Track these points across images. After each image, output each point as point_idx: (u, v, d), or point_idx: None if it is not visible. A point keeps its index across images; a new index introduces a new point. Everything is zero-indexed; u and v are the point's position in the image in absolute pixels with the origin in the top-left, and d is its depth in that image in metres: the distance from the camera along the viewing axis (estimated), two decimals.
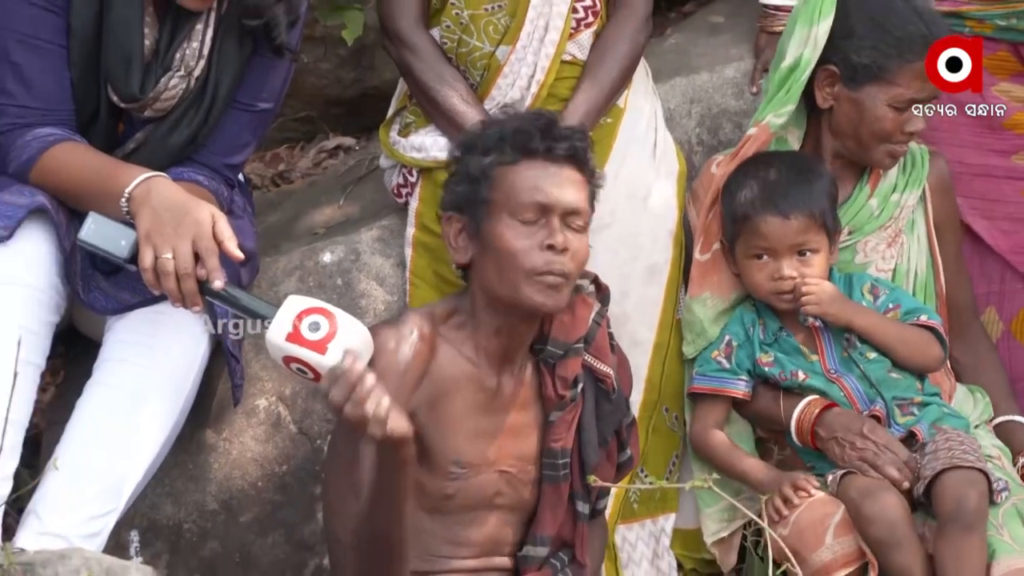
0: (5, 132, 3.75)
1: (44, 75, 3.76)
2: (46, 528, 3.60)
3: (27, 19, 3.73)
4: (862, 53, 4.04)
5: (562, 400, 3.65)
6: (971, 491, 3.79)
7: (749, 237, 3.97)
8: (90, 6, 3.74)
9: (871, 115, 4.05)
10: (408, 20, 4.14)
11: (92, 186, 3.68)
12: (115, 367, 3.75)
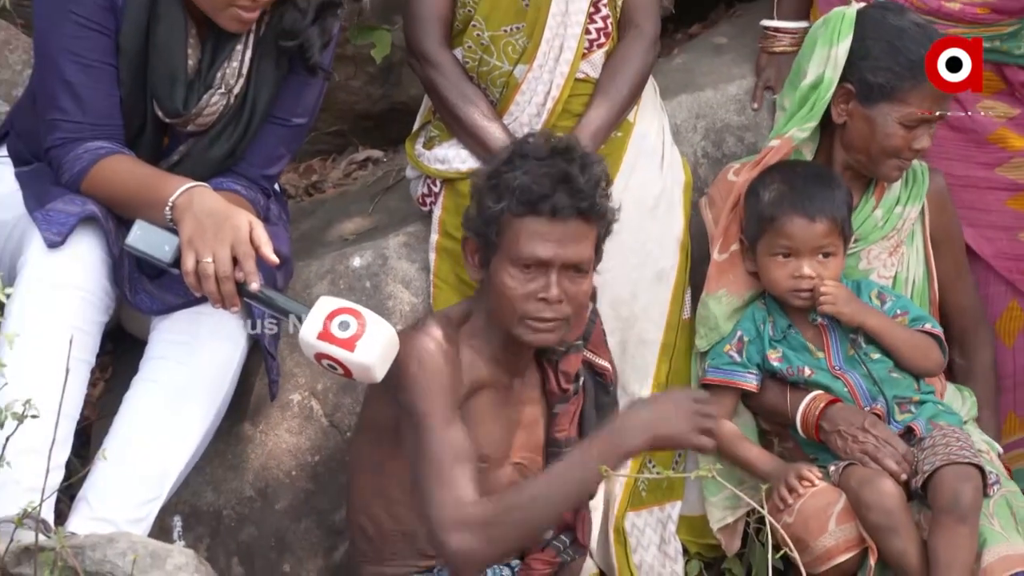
0: (59, 145, 3.75)
1: (95, 92, 3.76)
2: (95, 514, 3.62)
3: (80, 41, 3.74)
4: (877, 73, 4.05)
5: (565, 394, 3.67)
6: (967, 486, 3.82)
7: (774, 236, 4.00)
8: (138, 28, 3.76)
9: (882, 131, 4.06)
10: (433, 41, 4.15)
11: (138, 195, 3.69)
12: (159, 364, 3.77)
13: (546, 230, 3.49)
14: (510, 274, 3.51)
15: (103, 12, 3.73)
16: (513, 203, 3.49)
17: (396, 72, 4.69)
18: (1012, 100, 4.41)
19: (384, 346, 3.46)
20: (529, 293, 3.49)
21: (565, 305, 3.50)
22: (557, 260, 3.49)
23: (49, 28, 3.78)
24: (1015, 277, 4.39)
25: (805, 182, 4.04)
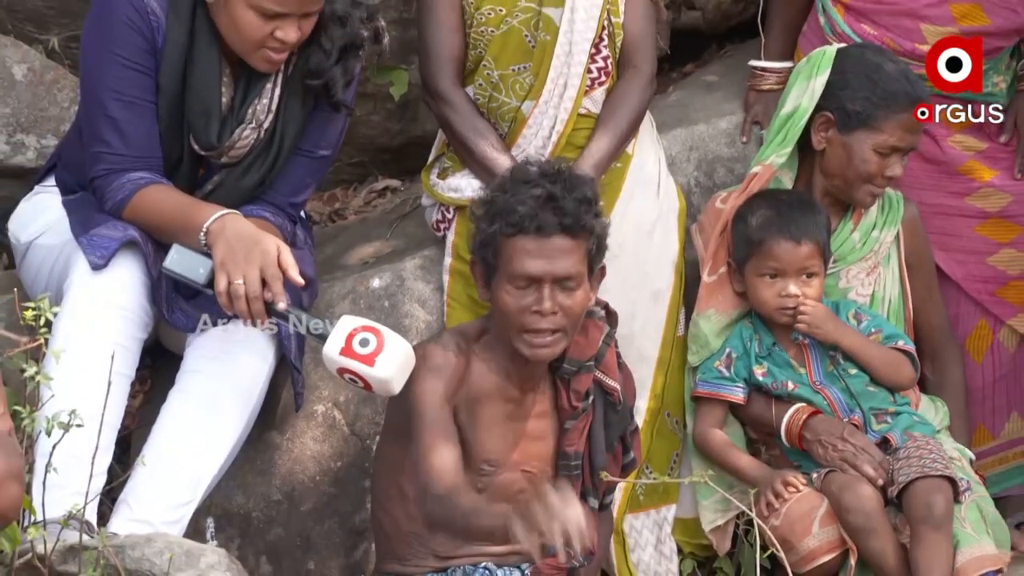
0: (102, 176, 3.76)
1: (136, 127, 3.77)
2: (134, 515, 3.62)
3: (123, 79, 3.75)
4: (855, 103, 4.06)
5: (576, 410, 3.65)
6: (939, 497, 3.83)
7: (762, 259, 4.00)
8: (176, 68, 3.77)
9: (859, 158, 4.07)
10: (446, 80, 4.15)
11: (176, 222, 3.70)
12: (194, 377, 3.78)
13: (534, 248, 3.49)
14: (507, 291, 3.51)
15: (144, 54, 3.74)
16: (504, 225, 3.50)
17: (412, 108, 4.69)
18: (980, 135, 4.41)
19: (401, 361, 3.48)
20: (524, 307, 3.50)
21: (560, 317, 3.51)
22: (547, 275, 3.49)
23: (95, 68, 3.79)
24: (984, 298, 4.38)
25: (789, 208, 4.05)
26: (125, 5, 3.73)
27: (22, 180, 4.26)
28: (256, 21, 3.68)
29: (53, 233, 3.86)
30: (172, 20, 3.75)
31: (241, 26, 3.70)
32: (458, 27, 4.15)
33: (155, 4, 3.74)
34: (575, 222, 3.50)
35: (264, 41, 3.70)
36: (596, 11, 4.14)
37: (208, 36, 3.78)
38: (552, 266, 3.50)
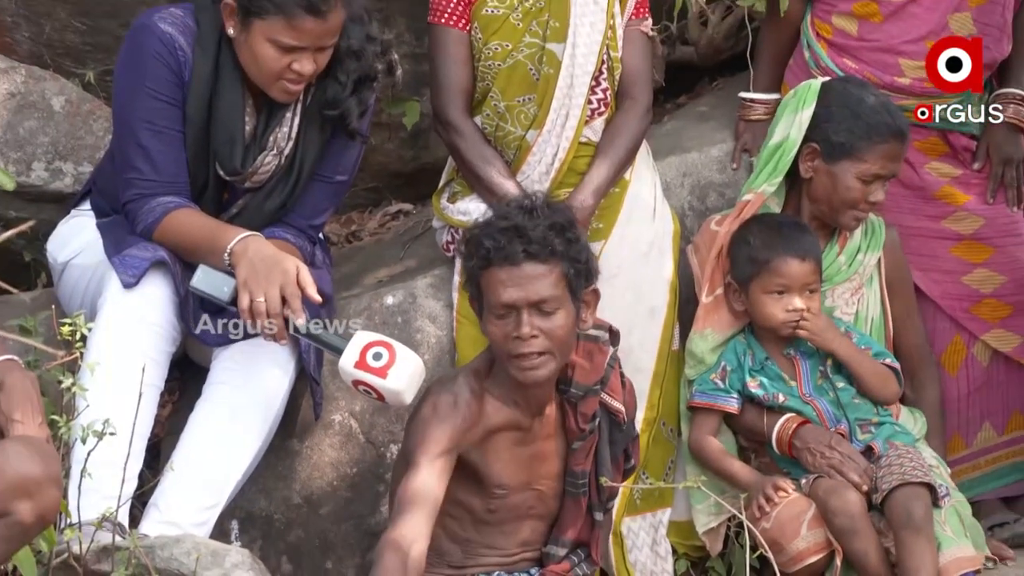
0: (134, 200, 3.77)
1: (166, 155, 3.77)
2: (164, 518, 3.62)
3: (153, 111, 3.76)
4: (840, 134, 4.06)
5: (583, 432, 3.63)
6: (917, 503, 3.83)
7: (769, 276, 4.00)
8: (203, 99, 3.78)
9: (843, 185, 4.06)
10: (456, 110, 4.14)
11: (202, 243, 3.70)
12: (220, 388, 3.78)
13: (506, 277, 3.44)
14: (492, 322, 3.48)
15: (173, 87, 3.75)
16: (478, 260, 3.47)
17: (424, 137, 4.69)
18: (955, 162, 4.40)
19: (411, 374, 3.50)
20: (507, 335, 3.45)
21: (542, 340, 3.45)
22: (521, 301, 3.43)
23: (127, 100, 3.80)
24: (959, 315, 4.37)
25: (789, 229, 4.06)
26: (155, 42, 3.75)
27: (60, 204, 4.26)
28: (274, 54, 3.68)
29: (88, 254, 3.87)
30: (198, 55, 3.76)
31: (261, 59, 3.71)
32: (467, 61, 4.15)
33: (182, 40, 3.76)
34: (541, 248, 3.44)
35: (282, 73, 3.71)
36: (596, 46, 4.13)
37: (232, 69, 3.79)
38: (525, 292, 3.44)
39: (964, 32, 4.26)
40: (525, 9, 4.11)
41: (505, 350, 3.46)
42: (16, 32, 4.52)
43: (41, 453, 3.04)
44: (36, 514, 3.01)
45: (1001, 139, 4.37)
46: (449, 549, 3.62)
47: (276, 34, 3.66)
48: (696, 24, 4.65)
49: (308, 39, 3.67)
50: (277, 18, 3.65)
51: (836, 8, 4.34)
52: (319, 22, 3.65)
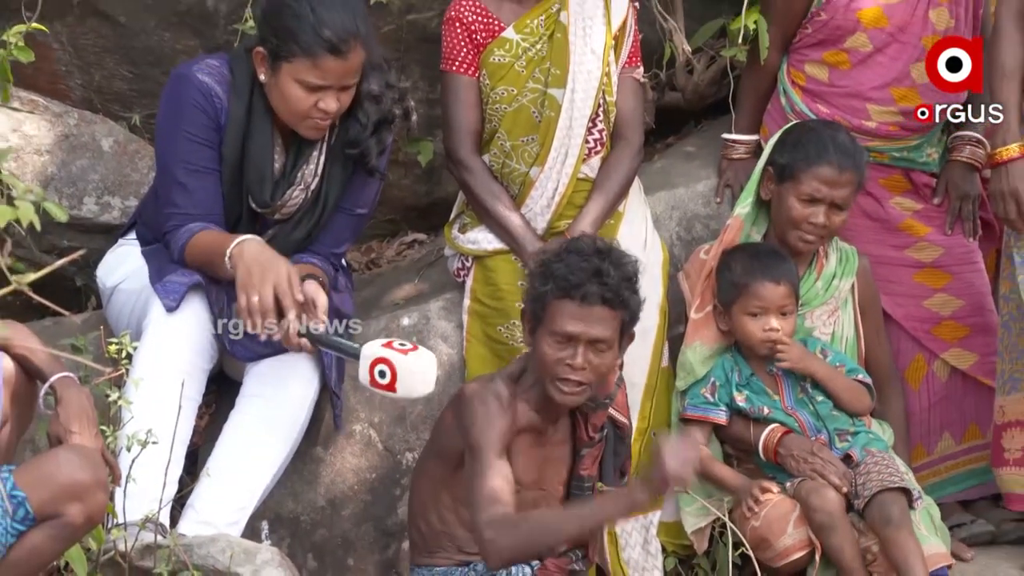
0: (171, 231, 3.78)
1: (203, 191, 3.78)
2: (200, 518, 3.62)
3: (190, 152, 3.77)
4: (784, 156, 4.07)
5: (592, 440, 3.65)
6: (894, 507, 3.84)
7: (748, 299, 3.99)
8: (237, 139, 3.79)
9: (785, 205, 4.06)
10: (466, 149, 4.14)
11: (211, 255, 3.69)
12: (251, 402, 3.78)
13: (576, 312, 3.47)
14: (548, 343, 3.50)
15: (209, 130, 3.77)
16: (554, 288, 3.49)
17: (437, 173, 4.69)
18: (916, 197, 4.40)
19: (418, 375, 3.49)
20: (560, 359, 3.48)
21: (588, 373, 3.49)
22: (583, 336, 3.47)
23: (167, 143, 3.82)
24: (921, 335, 4.36)
25: (767, 256, 4.06)
26: (193, 90, 3.77)
27: (108, 235, 4.26)
28: (302, 94, 3.69)
29: (134, 279, 3.87)
30: (233, 100, 3.78)
31: (290, 99, 3.72)
32: (476, 105, 4.15)
33: (218, 88, 3.78)
34: (615, 296, 3.49)
35: (310, 112, 3.72)
36: (593, 91, 4.13)
37: (263, 113, 3.81)
38: (589, 329, 3.48)
39: (924, 80, 4.25)
40: (528, 58, 4.11)
41: (552, 371, 3.49)
42: (69, 80, 4.53)
43: (89, 460, 3.08)
44: (85, 515, 3.03)
45: (958, 177, 4.37)
46: (461, 536, 3.61)
47: (302, 75, 3.67)
48: (683, 72, 4.65)
49: (331, 78, 3.68)
50: (303, 60, 3.67)
51: (809, 57, 4.34)
52: (340, 62, 3.67)
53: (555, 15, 4.11)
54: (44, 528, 3.00)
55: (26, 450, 3.54)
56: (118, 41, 4.45)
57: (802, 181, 4.02)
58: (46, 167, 4.39)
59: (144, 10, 4.41)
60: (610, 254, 3.55)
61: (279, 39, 3.70)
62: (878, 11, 4.26)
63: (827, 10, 4.26)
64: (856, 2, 4.25)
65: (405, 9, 4.49)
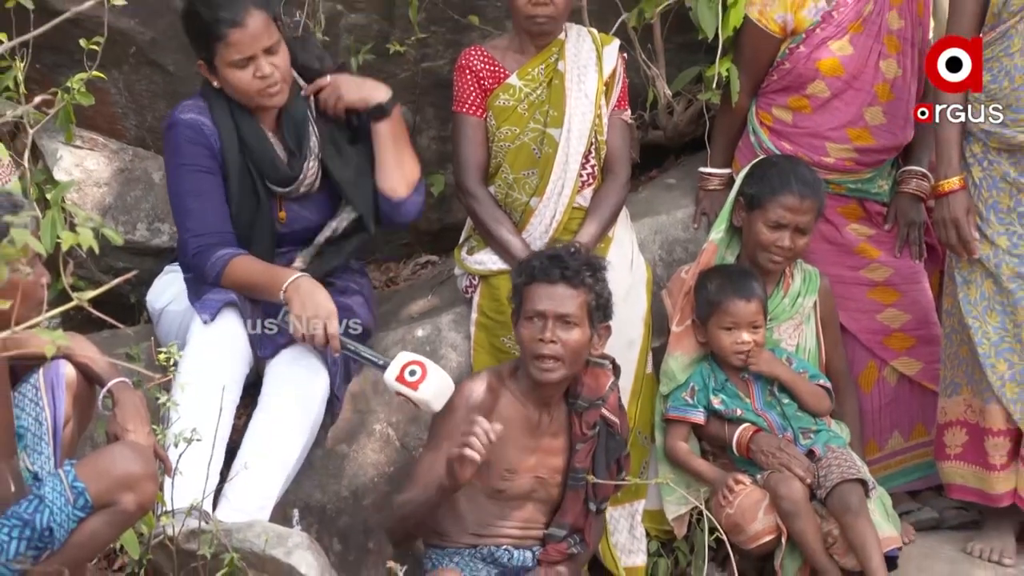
0: (195, 255, 3.80)
1: (211, 213, 3.81)
2: (232, 507, 3.63)
3: (194, 180, 3.81)
4: (752, 187, 4.08)
5: (585, 436, 3.67)
6: (853, 496, 3.85)
7: (722, 315, 4.00)
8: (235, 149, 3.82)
9: (755, 230, 4.07)
10: (474, 181, 4.15)
11: (261, 284, 3.74)
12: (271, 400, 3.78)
13: (543, 292, 3.57)
14: (524, 325, 3.59)
15: (206, 158, 3.81)
16: (524, 277, 3.62)
17: (448, 202, 4.70)
18: (870, 224, 4.40)
19: (438, 388, 3.55)
20: (533, 337, 3.56)
21: (559, 347, 3.55)
22: (550, 312, 3.55)
23: (174, 179, 3.87)
24: (873, 345, 4.35)
25: (739, 276, 4.07)
26: (183, 128, 3.81)
27: (158, 257, 4.28)
28: (240, 73, 3.74)
29: (178, 301, 3.91)
30: (219, 122, 3.81)
31: (236, 83, 3.76)
32: (483, 142, 4.16)
33: (202, 118, 3.82)
34: (575, 275, 3.58)
35: (255, 84, 3.75)
36: (586, 131, 4.14)
37: (246, 117, 3.83)
38: (554, 305, 3.56)
39: (875, 122, 4.28)
40: (530, 102, 4.12)
41: (530, 351, 3.56)
42: (125, 121, 4.53)
43: (141, 455, 3.09)
44: (137, 504, 3.04)
45: (906, 206, 4.38)
46: (466, 518, 3.64)
47: (228, 57, 3.72)
48: (665, 113, 4.66)
49: (248, 47, 3.71)
50: (218, 44, 3.72)
51: (775, 102, 4.35)
52: (244, 30, 3.70)
53: (554, 64, 4.13)
54: (101, 515, 3.00)
55: (86, 446, 3.54)
56: (167, 87, 4.46)
57: (769, 209, 4.03)
58: (104, 197, 4.40)
59: (189, 60, 4.40)
60: (575, 251, 3.65)
61: (199, 43, 3.77)
62: (835, 62, 4.28)
63: (790, 60, 4.28)
64: (815, 53, 4.27)
65: (420, 58, 4.50)
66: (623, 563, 4.07)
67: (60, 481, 2.96)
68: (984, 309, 3.99)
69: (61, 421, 3.16)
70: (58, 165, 4.35)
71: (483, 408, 3.58)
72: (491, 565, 3.64)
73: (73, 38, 3.88)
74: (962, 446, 4.07)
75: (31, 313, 2.75)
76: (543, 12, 4.04)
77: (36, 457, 3.10)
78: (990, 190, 3.98)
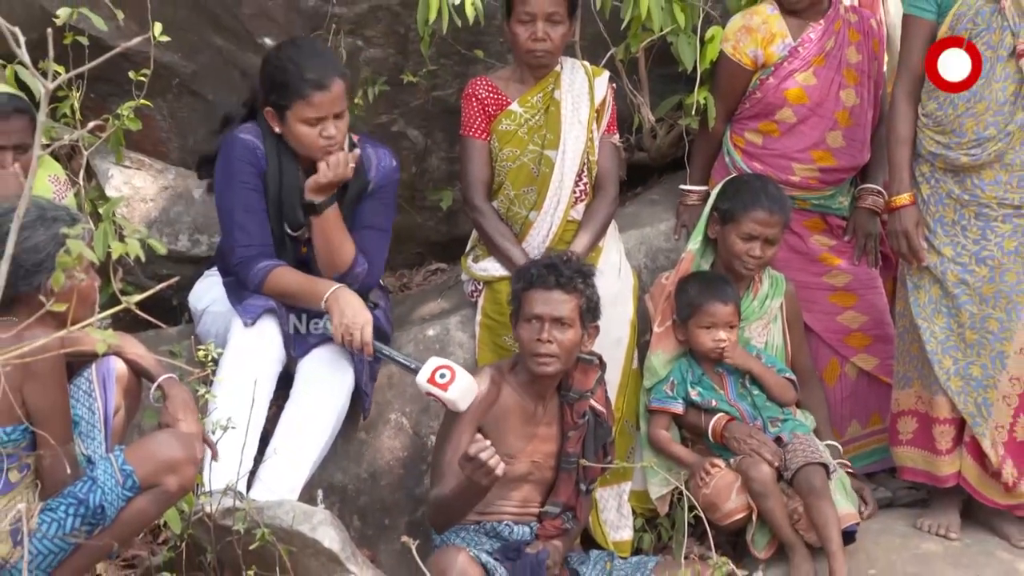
0: (239, 264, 3.79)
1: (256, 227, 3.79)
2: (265, 488, 3.62)
3: (244, 196, 3.79)
4: (725, 203, 4.08)
5: (576, 425, 3.68)
6: (816, 477, 3.85)
7: (702, 316, 4.00)
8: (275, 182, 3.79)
9: (729, 241, 4.07)
10: (479, 196, 4.14)
11: (302, 293, 3.75)
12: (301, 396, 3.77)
13: (540, 297, 3.57)
14: (523, 327, 3.59)
15: (255, 177, 3.79)
16: (523, 283, 3.62)
17: (455, 216, 4.70)
18: (831, 235, 4.39)
19: (464, 389, 3.53)
20: (531, 336, 3.56)
21: (554, 346, 3.55)
22: (546, 315, 3.55)
23: (225, 191, 3.83)
24: (834, 343, 4.34)
25: (716, 281, 4.07)
26: (240, 148, 3.79)
27: (197, 264, 4.27)
28: (307, 130, 3.72)
29: (218, 303, 3.90)
30: (268, 151, 3.78)
31: (300, 137, 3.74)
32: (487, 162, 4.15)
33: (257, 142, 3.79)
34: (568, 282, 3.58)
35: (318, 141, 3.72)
36: (579, 153, 4.13)
37: (290, 157, 3.79)
38: (549, 309, 3.55)
39: (836, 145, 4.29)
40: (529, 127, 4.12)
41: (528, 349, 3.57)
42: (169, 144, 4.54)
43: (183, 442, 3.09)
44: (179, 485, 3.05)
45: (863, 220, 4.37)
46: None
47: (303, 113, 3.70)
48: (649, 137, 4.66)
49: (325, 109, 3.70)
50: (299, 102, 3.69)
51: (747, 127, 4.36)
52: (326, 94, 3.69)
53: (550, 93, 4.13)
54: (147, 495, 3.01)
55: (134, 433, 3.55)
56: (206, 114, 4.46)
57: (742, 223, 4.03)
58: (150, 212, 4.41)
59: (228, 90, 4.44)
60: (568, 259, 3.65)
61: (277, 94, 3.72)
62: (800, 91, 4.28)
63: (761, 90, 4.29)
64: (783, 84, 4.27)
65: (431, 88, 4.50)
66: (611, 538, 4.07)
67: (111, 464, 2.97)
68: (932, 311, 3.99)
69: (112, 411, 3.17)
70: (109, 183, 4.37)
71: (488, 399, 3.59)
72: (494, 539, 3.64)
73: (123, 71, 3.89)
74: (913, 433, 4.06)
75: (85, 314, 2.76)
76: (541, 47, 4.05)
77: (89, 443, 3.11)
78: (937, 205, 3.98)
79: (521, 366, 3.65)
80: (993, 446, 3.94)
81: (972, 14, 3.84)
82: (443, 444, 3.60)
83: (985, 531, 4.04)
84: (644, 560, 3.83)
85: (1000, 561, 3.94)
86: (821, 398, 4.23)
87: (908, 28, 3.99)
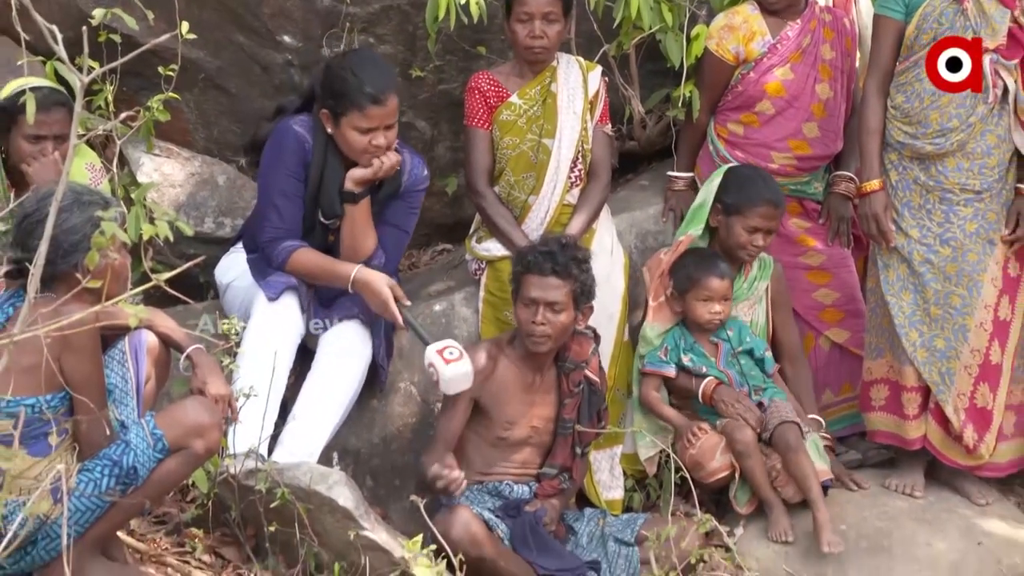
0: (267, 242, 3.78)
1: (290, 213, 3.78)
2: (286, 451, 3.61)
3: (285, 182, 3.77)
4: (730, 196, 4.06)
5: (571, 392, 3.68)
6: (791, 434, 3.88)
7: (700, 289, 4.00)
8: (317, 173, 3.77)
9: (734, 232, 4.05)
10: (481, 182, 4.13)
11: (326, 275, 3.74)
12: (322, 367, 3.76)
13: (536, 282, 3.56)
14: (520, 308, 3.59)
15: (299, 167, 3.77)
16: (522, 268, 3.61)
17: (460, 200, 4.70)
18: (807, 218, 4.39)
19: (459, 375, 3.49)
20: (528, 318, 3.56)
21: (547, 328, 3.55)
22: (541, 300, 3.54)
23: (269, 173, 3.81)
24: (810, 318, 4.34)
25: (713, 258, 4.07)
26: (292, 138, 3.76)
27: (221, 245, 4.25)
28: (358, 137, 3.69)
29: (242, 278, 3.88)
30: (316, 145, 3.76)
31: (350, 142, 3.71)
32: (489, 150, 4.14)
33: (308, 135, 3.77)
34: (563, 269, 3.56)
35: (367, 149, 3.70)
36: (575, 142, 4.12)
37: (335, 153, 3.76)
38: (544, 294, 3.54)
39: (812, 135, 4.27)
40: (528, 117, 4.11)
41: (525, 330, 3.58)
42: (196, 133, 4.53)
43: (208, 408, 3.09)
44: (205, 448, 3.05)
45: (836, 204, 4.36)
46: (475, 460, 3.65)
47: (356, 122, 3.67)
48: (639, 127, 4.65)
49: (377, 121, 3.68)
50: (355, 112, 3.66)
51: (730, 118, 4.34)
52: (381, 108, 3.67)
53: (547, 86, 4.12)
54: (176, 457, 3.01)
55: (163, 400, 3.54)
56: (230, 106, 4.45)
57: (748, 216, 4.02)
58: (178, 196, 4.40)
59: (249, 84, 4.43)
60: (564, 244, 3.61)
61: (335, 100, 3.69)
62: (779, 85, 4.26)
63: (742, 84, 4.28)
64: (763, 78, 4.26)
65: (437, 82, 4.49)
66: (604, 497, 4.08)
67: (143, 429, 2.97)
68: (900, 288, 3.99)
69: (143, 379, 3.16)
70: (140, 170, 4.36)
71: (484, 372, 3.59)
72: (495, 498, 3.66)
73: (152, 66, 3.89)
74: (884, 399, 4.07)
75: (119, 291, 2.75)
76: (538, 44, 4.03)
77: (123, 409, 3.11)
78: (904, 191, 3.98)
79: (519, 340, 3.66)
80: (955, 412, 3.95)
81: (937, 14, 3.86)
82: (439, 416, 3.61)
83: (948, 490, 4.06)
84: (634, 517, 3.85)
85: (961, 517, 3.96)
86: (807, 375, 4.22)
87: (878, 27, 4.00)
